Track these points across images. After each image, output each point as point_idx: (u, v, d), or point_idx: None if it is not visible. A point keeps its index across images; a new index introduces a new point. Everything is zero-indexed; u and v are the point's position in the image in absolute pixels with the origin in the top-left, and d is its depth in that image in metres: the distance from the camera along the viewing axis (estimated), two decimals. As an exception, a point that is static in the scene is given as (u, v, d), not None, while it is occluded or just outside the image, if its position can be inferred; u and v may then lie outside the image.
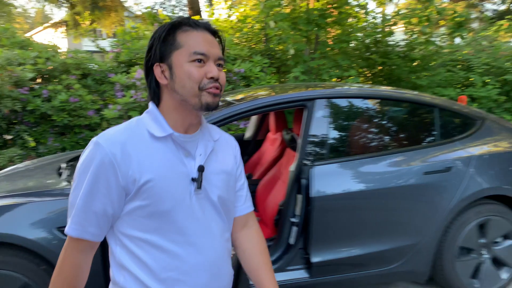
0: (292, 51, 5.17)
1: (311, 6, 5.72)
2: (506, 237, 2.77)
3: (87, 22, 10.93)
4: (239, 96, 2.82)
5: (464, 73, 7.35)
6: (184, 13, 13.07)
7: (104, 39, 8.57)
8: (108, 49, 6.93)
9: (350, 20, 6.24)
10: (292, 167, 2.51)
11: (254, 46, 6.73)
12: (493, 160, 2.72)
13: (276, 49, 5.99)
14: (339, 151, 2.58)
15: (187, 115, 1.09)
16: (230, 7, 7.00)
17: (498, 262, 2.77)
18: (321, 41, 6.02)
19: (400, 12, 6.10)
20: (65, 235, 1.17)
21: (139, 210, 1.03)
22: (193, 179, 1.07)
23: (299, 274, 2.47)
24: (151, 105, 1.12)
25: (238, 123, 5.30)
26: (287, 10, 5.39)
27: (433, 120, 2.73)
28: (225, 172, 1.16)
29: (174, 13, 13.24)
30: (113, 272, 1.10)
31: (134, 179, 1.01)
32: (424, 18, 5.54)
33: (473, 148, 2.71)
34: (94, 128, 5.59)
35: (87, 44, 11.14)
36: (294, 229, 2.45)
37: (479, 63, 7.27)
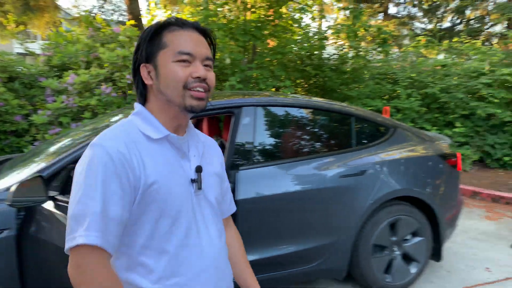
0: (228, 60, 5.30)
1: (248, 17, 5.90)
2: (414, 234, 3.05)
3: (12, 24, 10.34)
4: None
5: (391, 86, 7.92)
6: (124, 18, 12.79)
7: (34, 41, 8.16)
8: (39, 52, 6.64)
9: (286, 32, 6.51)
10: (219, 171, 2.59)
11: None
12: (403, 164, 2.99)
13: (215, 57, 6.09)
14: (264, 156, 2.71)
15: (174, 116, 1.06)
16: (168, 14, 7.01)
17: (407, 258, 3.04)
18: (259, 51, 6.22)
19: (330, 27, 6.47)
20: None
21: (145, 215, 0.98)
22: (192, 180, 1.05)
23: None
24: (138, 106, 1.08)
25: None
26: (224, 21, 5.52)
27: (349, 128, 2.96)
28: (216, 174, 1.16)
29: (112, 20, 12.91)
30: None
31: (141, 180, 0.96)
32: (352, 34, 5.93)
33: (385, 154, 2.97)
34: (22, 134, 5.33)
35: (18, 46, 10.53)
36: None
37: (403, 77, 7.87)
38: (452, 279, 3.24)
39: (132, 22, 7.31)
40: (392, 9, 24.40)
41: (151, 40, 1.04)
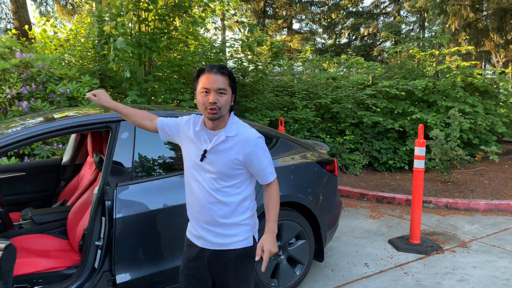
0: (128, 74, 5.15)
1: (142, 30, 5.81)
2: (297, 237, 3.23)
3: None
4: (41, 118, 2.70)
5: (289, 98, 8.34)
6: (11, 25, 11.73)
7: None
8: None
9: (182, 45, 6.52)
10: (96, 189, 2.50)
11: (87, 65, 6.48)
12: (285, 172, 3.16)
13: (109, 68, 5.86)
14: (144, 171, 2.67)
15: (207, 120, 1.83)
16: (53, 23, 6.59)
17: (292, 261, 3.21)
18: (155, 64, 6.15)
19: (225, 41, 6.64)
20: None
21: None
22: (202, 154, 1.82)
23: (105, 297, 2.45)
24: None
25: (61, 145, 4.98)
26: (116, 33, 5.36)
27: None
28: (229, 159, 1.79)
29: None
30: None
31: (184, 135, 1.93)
32: (245, 47, 6.15)
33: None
34: None
35: None
36: (99, 252, 2.44)
37: (299, 89, 8.35)
38: (335, 276, 3.49)
39: (14, 31, 6.75)
40: (295, 25, 25.80)
41: (196, 78, 1.81)
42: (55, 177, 3.84)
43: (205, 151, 1.80)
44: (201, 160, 1.80)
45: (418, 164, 4.05)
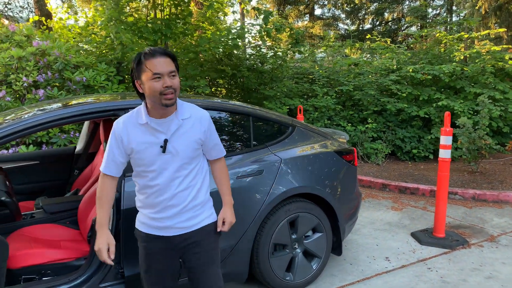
0: (137, 61, 5.05)
1: (158, 15, 5.70)
2: (314, 230, 3.10)
3: None
4: (52, 106, 2.63)
5: (309, 85, 8.12)
6: (33, 15, 11.85)
7: None
8: None
9: (199, 31, 6.39)
10: (104, 179, 2.42)
11: (105, 52, 6.43)
12: (302, 162, 3.02)
13: (125, 57, 5.80)
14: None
15: (157, 109, 1.73)
16: (74, 12, 6.57)
17: (309, 254, 3.08)
18: (171, 51, 6.05)
19: (243, 27, 6.46)
20: None
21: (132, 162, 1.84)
22: (161, 146, 1.76)
23: (113, 289, 2.39)
24: (142, 102, 1.80)
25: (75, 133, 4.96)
26: (131, 19, 5.27)
27: (248, 127, 2.92)
28: (193, 140, 1.81)
29: (21, 17, 11.94)
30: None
31: (127, 146, 1.78)
32: (263, 33, 5.96)
33: (284, 152, 2.98)
34: None
35: None
36: (107, 243, 2.37)
37: (320, 76, 8.11)
38: (354, 271, 3.35)
39: (36, 18, 6.77)
40: (317, 11, 25.28)
41: (137, 65, 1.70)
42: (69, 166, 3.81)
43: (166, 141, 1.76)
44: (164, 151, 1.76)
45: (444, 154, 3.82)
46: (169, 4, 5.47)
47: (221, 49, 6.20)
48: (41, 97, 4.89)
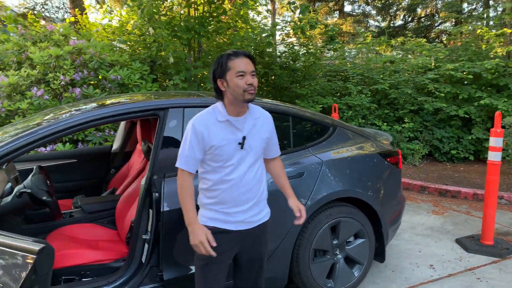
0: (171, 59, 5.04)
1: (192, 14, 5.66)
2: (356, 236, 2.96)
3: None
4: (90, 105, 2.61)
5: (342, 83, 7.91)
6: (69, 15, 12.15)
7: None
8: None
9: (232, 30, 6.32)
10: (143, 180, 2.38)
11: (140, 50, 6.45)
12: (343, 164, 2.88)
13: (159, 55, 5.80)
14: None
15: (237, 106, 1.86)
16: (108, 11, 6.63)
17: (350, 261, 2.95)
18: (204, 50, 6.00)
19: (276, 24, 6.34)
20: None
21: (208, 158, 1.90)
22: (239, 143, 1.87)
23: (152, 293, 2.34)
24: (218, 102, 1.91)
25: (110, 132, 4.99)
26: (165, 18, 5.24)
27: (287, 128, 2.81)
28: (262, 138, 1.95)
29: (57, 17, 12.25)
30: None
31: (207, 143, 1.85)
32: (297, 30, 5.82)
33: (326, 153, 2.86)
34: None
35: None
36: (146, 246, 2.32)
37: (354, 73, 7.89)
38: (396, 278, 3.19)
39: (72, 19, 6.88)
40: (347, 7, 24.76)
41: (221, 65, 1.83)
42: (106, 165, 3.82)
43: (244, 138, 1.88)
44: (242, 147, 1.87)
45: (494, 156, 3.60)
46: (202, 2, 5.42)
47: (252, 47, 6.10)
48: (77, 95, 4.94)
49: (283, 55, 7.38)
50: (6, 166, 2.40)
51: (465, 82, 7.61)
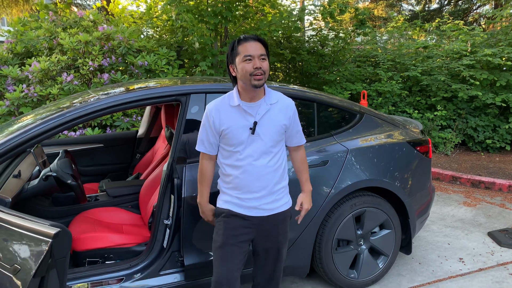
0: (197, 45, 5.01)
1: (218, -2, 5.60)
2: (381, 226, 2.87)
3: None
4: (114, 90, 2.61)
5: (372, 69, 7.68)
6: (97, 1, 12.32)
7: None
8: (1, 39, 6.29)
9: (259, 14, 6.22)
10: (165, 166, 2.38)
11: (167, 36, 6.45)
12: (371, 152, 2.79)
13: (185, 40, 5.79)
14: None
15: (248, 92, 1.87)
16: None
17: (375, 252, 2.87)
18: (231, 35, 5.94)
19: (304, 8, 6.18)
20: None
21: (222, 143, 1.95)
22: (250, 128, 1.87)
23: (173, 278, 2.36)
24: (234, 87, 1.94)
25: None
26: (192, 2, 5.21)
27: (311, 114, 2.74)
28: (278, 125, 1.91)
29: (88, 4, 12.45)
30: None
31: (218, 127, 1.90)
32: (326, 14, 5.65)
33: (351, 141, 2.77)
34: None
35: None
36: (168, 231, 2.34)
37: (384, 59, 7.63)
38: (423, 271, 3.09)
39: (98, 5, 6.96)
40: (379, -9, 23.97)
41: (231, 50, 1.86)
42: (131, 150, 3.86)
43: (255, 123, 1.86)
44: (253, 133, 1.86)
45: (533, 146, 3.39)
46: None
47: (280, 32, 5.98)
48: (105, 81, 5.01)
49: (311, 39, 7.21)
50: (34, 150, 2.45)
51: (504, 68, 7.22)
